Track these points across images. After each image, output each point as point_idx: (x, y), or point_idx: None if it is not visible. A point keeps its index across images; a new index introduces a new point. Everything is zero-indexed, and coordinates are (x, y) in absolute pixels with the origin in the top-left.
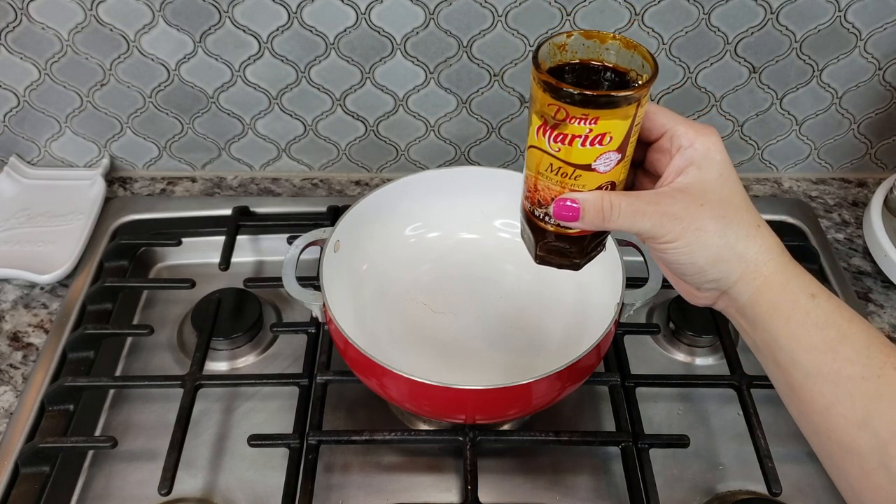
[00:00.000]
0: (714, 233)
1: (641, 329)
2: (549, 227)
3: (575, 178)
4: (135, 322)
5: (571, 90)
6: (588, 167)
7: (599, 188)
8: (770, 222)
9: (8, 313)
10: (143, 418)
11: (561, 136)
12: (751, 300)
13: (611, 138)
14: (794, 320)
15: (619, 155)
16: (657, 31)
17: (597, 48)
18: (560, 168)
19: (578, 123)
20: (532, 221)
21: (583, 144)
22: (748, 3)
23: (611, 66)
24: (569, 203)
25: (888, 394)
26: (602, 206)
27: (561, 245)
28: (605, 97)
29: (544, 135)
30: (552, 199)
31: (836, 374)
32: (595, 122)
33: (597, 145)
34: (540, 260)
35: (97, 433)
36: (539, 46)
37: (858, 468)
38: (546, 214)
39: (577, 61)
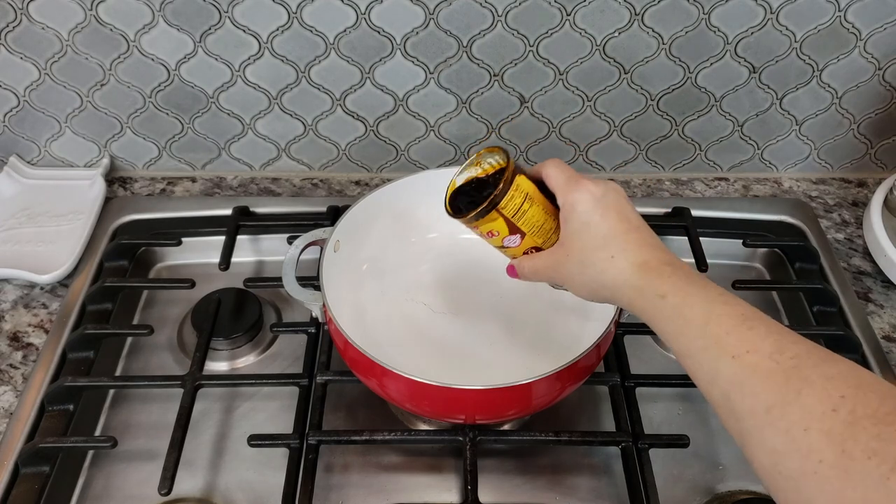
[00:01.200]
0: (578, 274)
1: (641, 329)
2: None
3: (505, 251)
4: (135, 322)
5: (450, 214)
6: (502, 248)
7: (526, 252)
8: (770, 222)
9: (8, 313)
10: (143, 418)
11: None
12: (626, 308)
13: (497, 232)
14: (654, 318)
15: (518, 235)
16: (657, 31)
17: (486, 158)
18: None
19: (471, 229)
20: None
21: (486, 238)
22: (748, 3)
23: (490, 176)
24: (509, 269)
25: (722, 354)
26: (520, 269)
27: None
28: (467, 217)
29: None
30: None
31: (689, 349)
32: (477, 228)
33: (493, 237)
34: None
35: (97, 433)
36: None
37: (718, 415)
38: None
39: (477, 176)
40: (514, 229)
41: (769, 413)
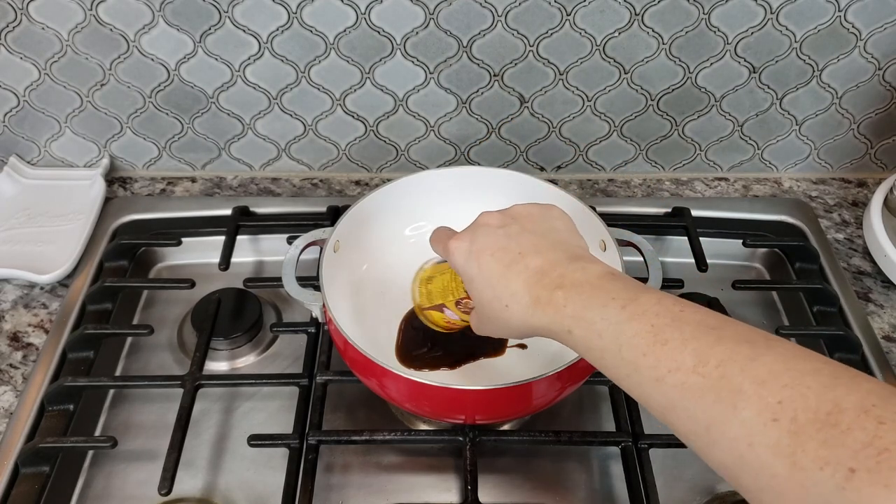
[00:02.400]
0: (495, 328)
1: None
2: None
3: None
4: (135, 322)
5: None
6: (463, 324)
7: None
8: (770, 222)
9: (8, 313)
10: (143, 418)
11: None
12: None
13: (441, 319)
14: (575, 350)
15: (442, 308)
16: (657, 31)
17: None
18: None
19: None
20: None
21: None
22: (748, 3)
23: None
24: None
25: (644, 380)
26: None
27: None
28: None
29: None
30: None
31: (617, 378)
32: (438, 325)
33: (449, 322)
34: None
35: (97, 433)
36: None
37: (654, 412)
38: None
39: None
40: (438, 308)
41: (709, 433)
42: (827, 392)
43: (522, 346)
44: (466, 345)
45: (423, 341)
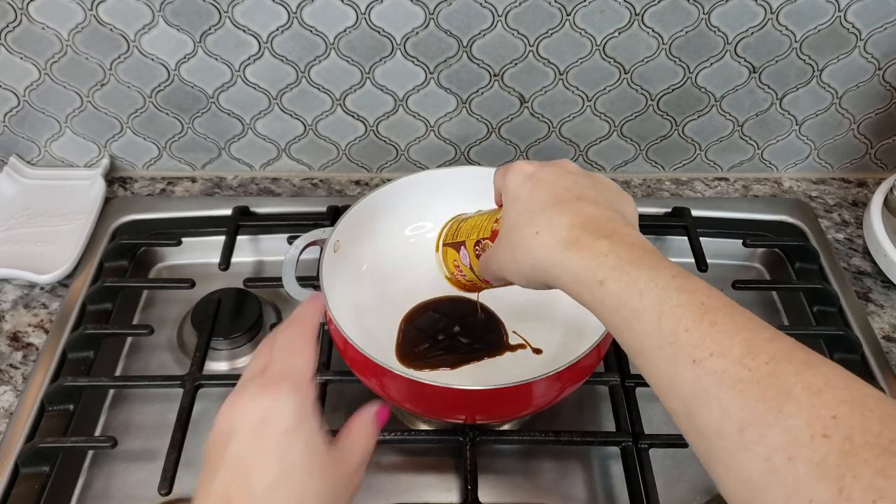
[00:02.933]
0: (508, 258)
1: None
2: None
3: (476, 275)
4: (135, 322)
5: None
6: (473, 274)
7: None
8: (770, 222)
9: (8, 313)
10: (143, 418)
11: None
12: (571, 296)
13: (455, 261)
14: (596, 309)
15: (462, 248)
16: (657, 31)
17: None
18: None
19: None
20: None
21: (462, 277)
22: (748, 3)
23: None
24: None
25: (680, 357)
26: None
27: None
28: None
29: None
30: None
31: (640, 349)
32: (457, 275)
33: (458, 268)
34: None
35: (97, 433)
36: None
37: (678, 426)
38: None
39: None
40: (456, 246)
41: (743, 434)
42: (891, 420)
43: (522, 347)
44: (467, 345)
45: (423, 341)
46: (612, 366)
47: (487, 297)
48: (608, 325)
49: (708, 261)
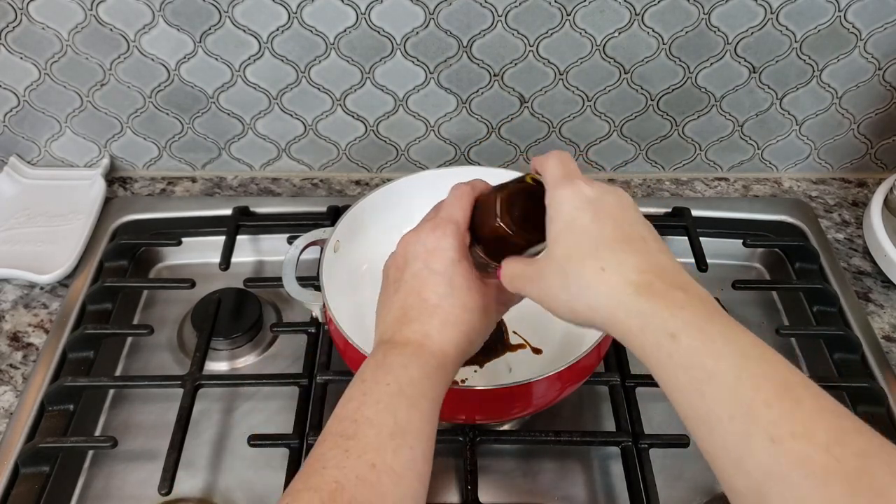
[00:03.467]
0: (559, 287)
1: None
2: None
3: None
4: (135, 322)
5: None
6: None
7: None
8: (770, 222)
9: (8, 313)
10: (143, 418)
11: None
12: (624, 343)
13: None
14: (660, 364)
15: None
16: (657, 31)
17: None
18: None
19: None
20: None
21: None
22: (748, 3)
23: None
24: (498, 271)
25: (756, 432)
26: (502, 274)
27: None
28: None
29: None
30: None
31: (708, 416)
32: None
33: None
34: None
35: (97, 433)
36: None
37: (742, 472)
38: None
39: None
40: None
41: None
42: None
43: (522, 347)
44: None
45: None
46: (612, 366)
47: None
48: (670, 384)
49: (708, 261)
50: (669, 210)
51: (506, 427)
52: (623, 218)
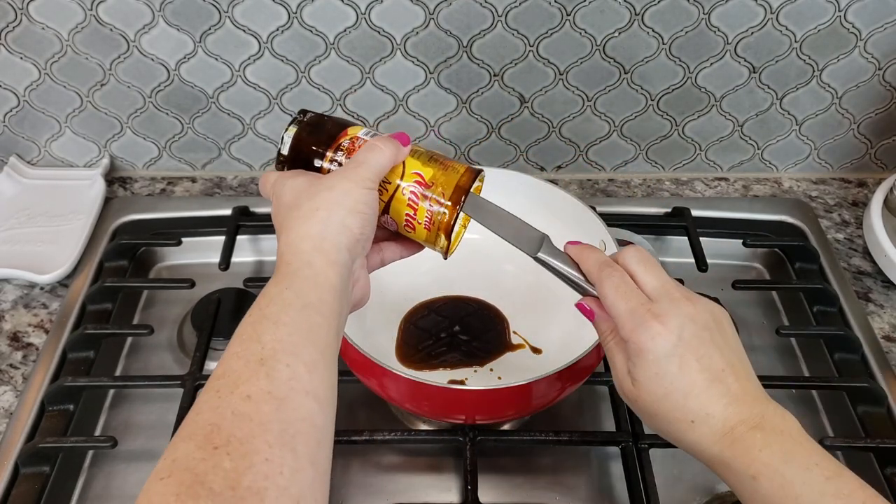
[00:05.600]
0: (654, 424)
1: None
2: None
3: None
4: (135, 322)
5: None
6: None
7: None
8: (770, 222)
9: (8, 313)
10: (143, 418)
11: None
12: (714, 472)
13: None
14: (746, 498)
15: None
16: (657, 31)
17: None
18: None
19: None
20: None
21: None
22: (748, 3)
23: None
24: (580, 306)
25: None
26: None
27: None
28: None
29: None
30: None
31: None
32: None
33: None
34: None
35: (97, 433)
36: None
37: None
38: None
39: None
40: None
41: None
42: None
43: (522, 347)
44: (467, 343)
45: (423, 341)
46: None
47: (488, 296)
48: None
49: (708, 261)
50: (669, 210)
51: (506, 427)
52: (702, 351)
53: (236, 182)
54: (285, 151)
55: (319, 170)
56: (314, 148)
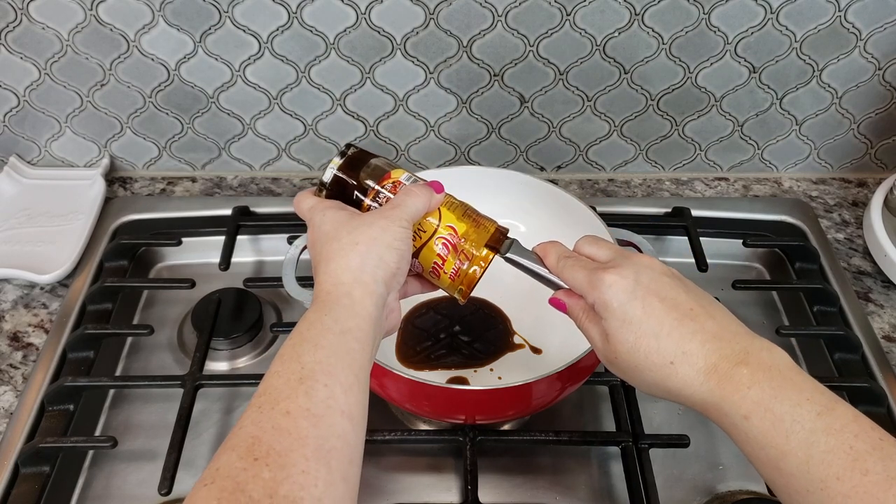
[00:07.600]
0: (635, 377)
1: None
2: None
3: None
4: (135, 322)
5: None
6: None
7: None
8: (770, 222)
9: (8, 313)
10: (143, 418)
11: None
12: (712, 421)
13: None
14: (740, 441)
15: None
16: (657, 31)
17: None
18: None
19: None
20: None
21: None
22: (748, 3)
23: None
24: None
25: (818, 455)
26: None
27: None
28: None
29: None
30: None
31: (787, 488)
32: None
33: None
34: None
35: (97, 433)
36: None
37: None
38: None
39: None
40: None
41: None
42: None
43: (522, 347)
44: (467, 343)
45: (423, 340)
46: None
47: (488, 295)
48: (751, 458)
49: (708, 261)
50: (669, 210)
51: (506, 427)
52: (665, 293)
53: (236, 182)
54: (327, 180)
55: (359, 204)
56: (357, 184)
